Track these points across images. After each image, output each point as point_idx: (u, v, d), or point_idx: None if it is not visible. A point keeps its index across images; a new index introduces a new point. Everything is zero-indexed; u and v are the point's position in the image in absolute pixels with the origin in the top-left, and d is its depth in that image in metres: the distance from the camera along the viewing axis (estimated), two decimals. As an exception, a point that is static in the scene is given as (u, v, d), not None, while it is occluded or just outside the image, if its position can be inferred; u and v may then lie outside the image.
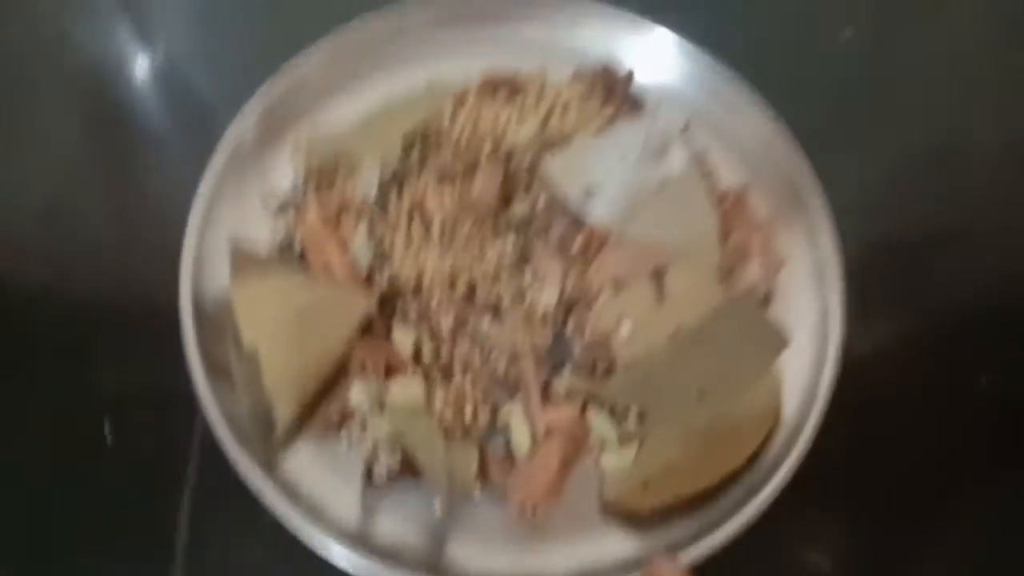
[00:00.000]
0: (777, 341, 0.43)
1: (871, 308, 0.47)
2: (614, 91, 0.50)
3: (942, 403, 0.46)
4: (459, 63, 0.50)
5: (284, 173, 0.47)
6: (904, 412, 0.46)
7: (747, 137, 0.49)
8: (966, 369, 0.48)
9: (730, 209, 0.47)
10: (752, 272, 0.46)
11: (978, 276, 0.51)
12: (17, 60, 0.55)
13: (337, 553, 0.37)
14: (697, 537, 0.38)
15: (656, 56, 0.51)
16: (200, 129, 0.51)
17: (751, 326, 0.43)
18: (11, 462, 0.42)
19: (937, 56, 0.58)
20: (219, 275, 0.43)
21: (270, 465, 0.39)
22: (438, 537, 0.39)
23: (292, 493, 0.38)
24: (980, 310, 0.50)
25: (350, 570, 0.36)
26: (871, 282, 0.48)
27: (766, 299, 0.46)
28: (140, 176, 0.51)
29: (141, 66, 0.55)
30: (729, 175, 0.49)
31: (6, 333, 0.45)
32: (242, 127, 0.46)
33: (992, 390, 0.47)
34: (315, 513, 0.38)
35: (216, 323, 0.41)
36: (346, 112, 0.49)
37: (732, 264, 0.46)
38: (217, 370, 0.40)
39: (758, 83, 0.49)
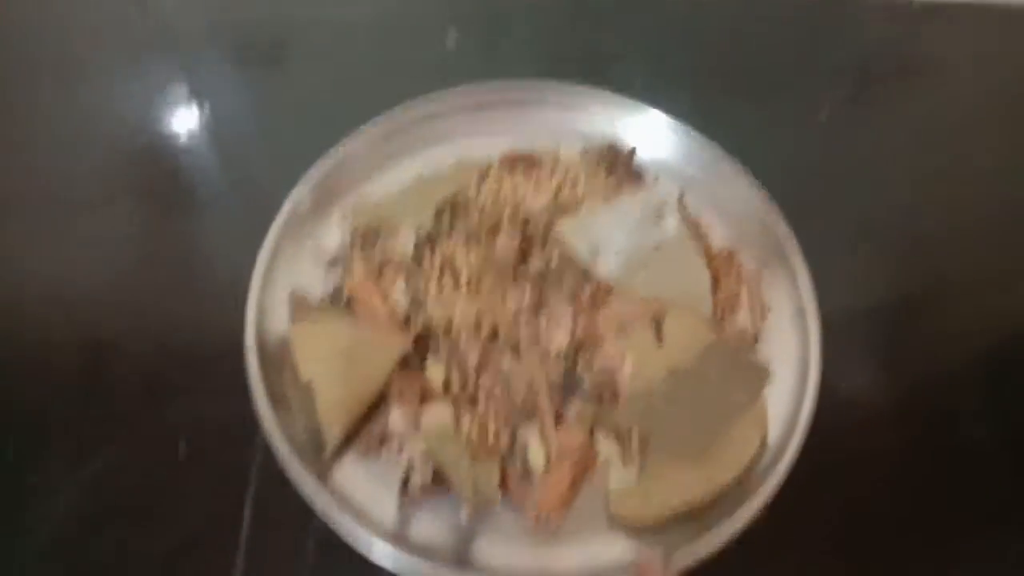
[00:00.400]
0: (760, 377, 0.49)
1: (849, 351, 0.53)
2: (618, 165, 0.57)
3: (912, 436, 0.51)
4: (483, 142, 0.58)
5: (334, 235, 0.55)
6: (875, 442, 0.50)
7: (734, 203, 0.56)
8: (939, 406, 0.53)
9: (721, 265, 0.54)
10: (741, 318, 0.52)
11: (950, 329, 0.57)
12: (90, 149, 0.63)
13: (379, 551, 0.42)
14: (691, 541, 0.43)
15: (654, 135, 0.59)
16: (257, 198, 0.58)
17: (738, 363, 0.49)
18: (98, 479, 0.48)
19: (907, 133, 0.65)
20: (277, 320, 0.50)
21: (321, 477, 0.45)
22: (465, 538, 0.44)
23: (340, 501, 0.44)
24: (953, 356, 0.55)
25: (389, 566, 0.42)
26: (848, 329, 0.54)
27: (753, 341, 0.51)
28: (208, 241, 0.59)
29: (208, 145, 0.64)
30: (719, 236, 0.56)
31: (93, 371, 0.52)
32: (298, 196, 0.54)
33: (967, 432, 0.52)
34: (360, 517, 0.43)
35: (275, 360, 0.48)
36: (387, 184, 0.57)
37: (723, 312, 0.52)
38: (276, 399, 0.47)
39: (744, 157, 0.57)
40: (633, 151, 0.59)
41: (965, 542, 0.49)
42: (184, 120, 0.65)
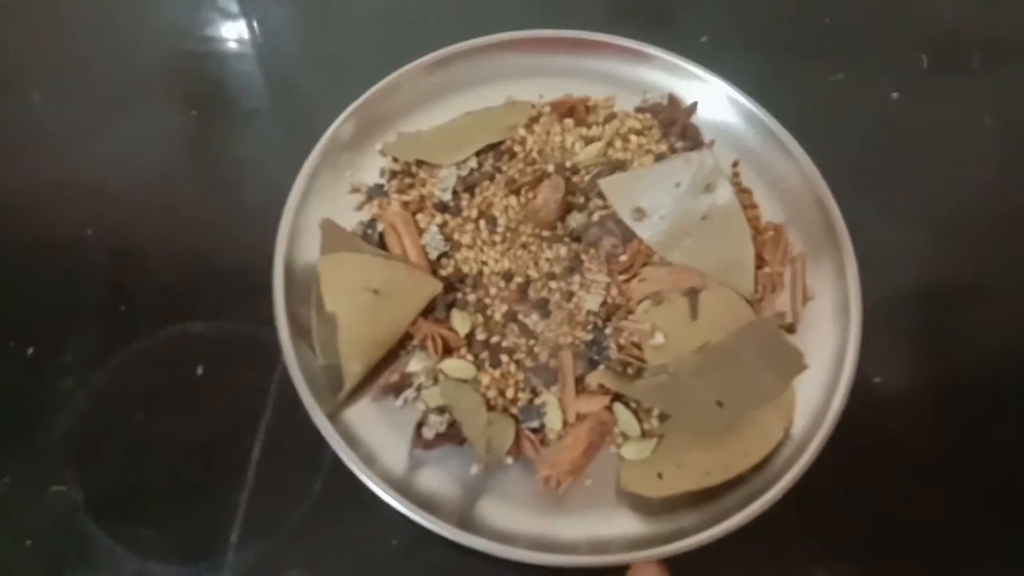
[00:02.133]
0: (795, 364, 0.46)
1: (889, 348, 0.51)
2: (676, 120, 0.55)
3: (945, 446, 0.49)
4: (536, 85, 0.56)
5: (373, 169, 0.53)
6: (905, 449, 0.49)
7: (788, 180, 0.53)
8: (976, 418, 0.50)
9: (767, 242, 0.52)
10: (780, 301, 0.50)
11: (995, 331, 0.54)
12: (143, 49, 0.62)
13: (384, 495, 0.42)
14: (699, 529, 0.42)
15: (712, 100, 0.56)
16: (302, 121, 0.58)
17: (773, 347, 0.46)
18: (117, 389, 0.48)
19: (975, 123, 0.61)
20: (308, 248, 0.49)
21: (335, 415, 0.44)
22: (471, 495, 0.44)
23: (351, 441, 0.44)
24: (996, 362, 0.53)
25: (394, 506, 0.42)
26: (892, 324, 0.52)
27: (791, 328, 0.50)
28: (246, 156, 0.58)
29: (254, 60, 0.62)
30: (769, 211, 0.53)
31: (120, 275, 0.52)
32: (340, 124, 0.52)
33: (1003, 441, 0.50)
34: (368, 460, 0.43)
35: (302, 288, 0.47)
36: (433, 121, 0.55)
37: (763, 292, 0.50)
38: (299, 328, 0.46)
39: (803, 132, 0.54)
40: (694, 106, 0.56)
41: (992, 546, 0.47)
42: (236, 32, 0.63)
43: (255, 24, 0.64)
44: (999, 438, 0.50)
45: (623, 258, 0.49)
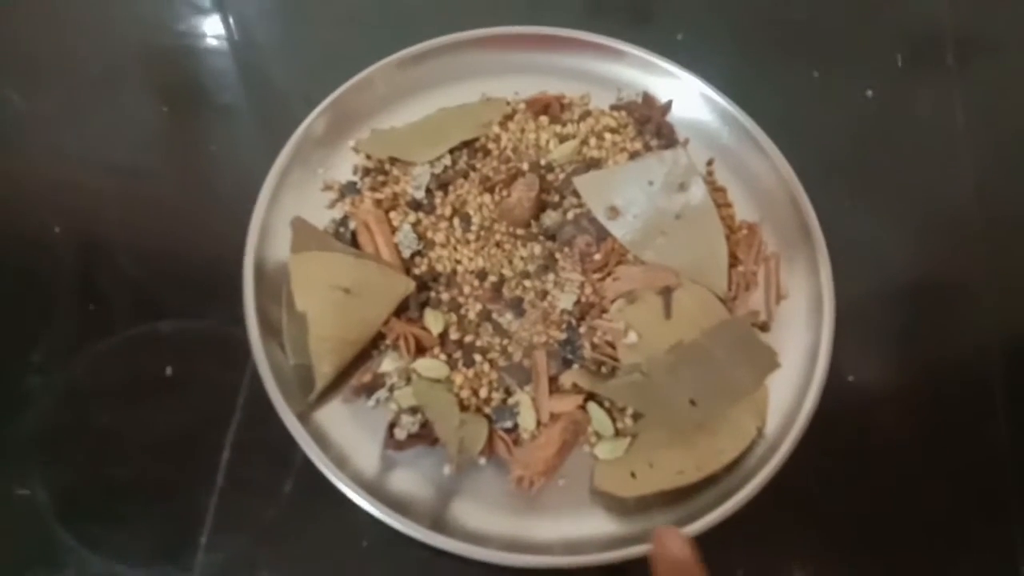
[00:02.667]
0: (769, 362, 0.46)
1: (863, 346, 0.51)
2: (651, 118, 0.55)
3: (919, 444, 0.50)
4: (511, 83, 0.56)
5: (345, 167, 0.53)
6: (879, 447, 0.49)
7: (763, 179, 0.53)
8: (950, 415, 0.51)
9: (741, 240, 0.52)
10: (754, 299, 0.50)
11: (969, 329, 0.54)
12: (114, 43, 0.61)
13: (356, 497, 0.42)
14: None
15: (687, 98, 0.56)
16: (273, 117, 0.57)
17: (746, 345, 0.46)
18: (85, 389, 0.48)
19: (949, 121, 0.61)
20: (279, 247, 0.48)
21: (305, 416, 0.44)
22: (443, 496, 0.43)
23: (321, 442, 0.43)
24: (970, 360, 0.53)
25: (365, 508, 0.41)
26: (866, 322, 0.52)
27: (764, 326, 0.50)
28: (217, 152, 0.57)
29: (228, 55, 0.61)
30: (744, 210, 0.53)
31: (91, 282, 0.51)
32: (313, 121, 0.52)
33: (975, 437, 0.50)
34: (340, 462, 0.43)
35: (273, 288, 0.47)
36: (407, 118, 0.55)
37: (737, 291, 0.50)
38: (269, 327, 0.46)
39: (779, 131, 0.54)
40: (669, 105, 0.56)
41: (965, 543, 0.47)
42: (209, 26, 0.62)
43: (229, 18, 0.63)
44: (973, 435, 0.50)
45: (597, 257, 0.49)
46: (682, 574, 0.35)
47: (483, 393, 0.45)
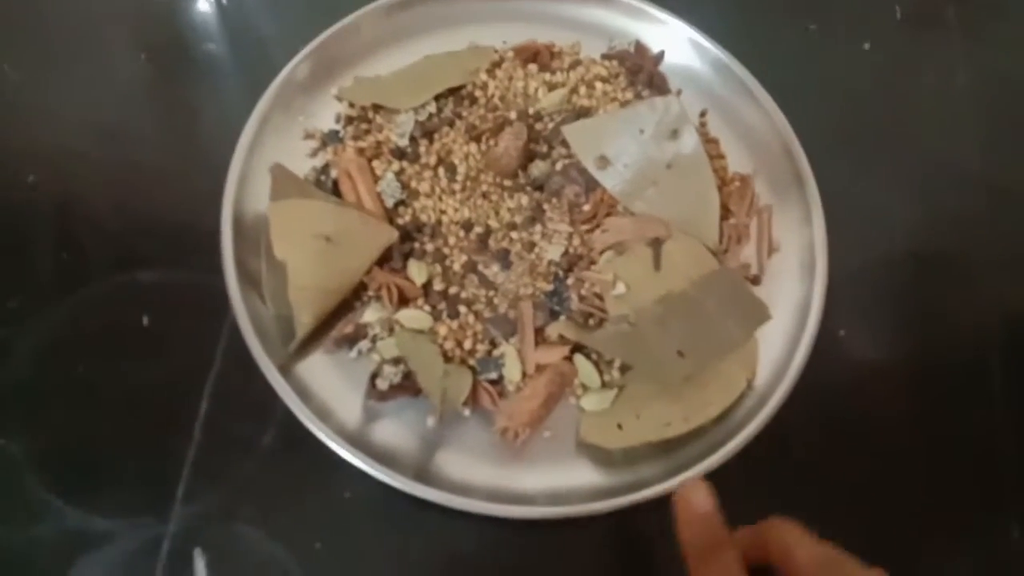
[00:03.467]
0: (759, 314, 0.46)
1: (855, 302, 0.51)
2: (643, 68, 0.53)
3: (910, 402, 0.49)
4: (499, 30, 0.54)
5: (327, 115, 0.51)
6: (868, 403, 0.48)
7: (757, 130, 0.52)
8: (941, 375, 0.50)
9: (734, 192, 0.51)
10: (746, 252, 0.50)
11: (962, 291, 0.53)
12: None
13: (338, 449, 0.41)
14: (660, 480, 0.41)
15: (681, 48, 0.54)
16: (255, 65, 0.55)
17: (736, 297, 0.46)
18: (60, 340, 0.47)
19: (948, 77, 0.60)
20: (259, 196, 0.47)
21: (285, 367, 0.43)
22: (428, 448, 0.43)
23: (303, 394, 0.42)
24: (963, 322, 0.52)
25: (348, 459, 0.41)
26: (859, 278, 0.51)
27: (755, 279, 0.49)
28: (197, 101, 0.55)
29: (209, 1, 0.60)
30: (737, 162, 0.52)
31: (67, 231, 0.50)
32: (293, 67, 0.50)
33: (964, 394, 0.50)
34: (321, 413, 0.42)
35: (252, 237, 0.46)
36: (391, 65, 0.53)
37: (728, 243, 0.49)
38: (248, 278, 0.45)
39: (774, 82, 0.53)
40: (661, 55, 0.54)
41: (952, 503, 0.47)
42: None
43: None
44: (964, 398, 0.50)
45: (586, 208, 0.48)
46: (704, 526, 0.34)
47: (467, 344, 0.44)
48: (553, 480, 0.42)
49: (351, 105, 0.51)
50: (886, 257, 0.53)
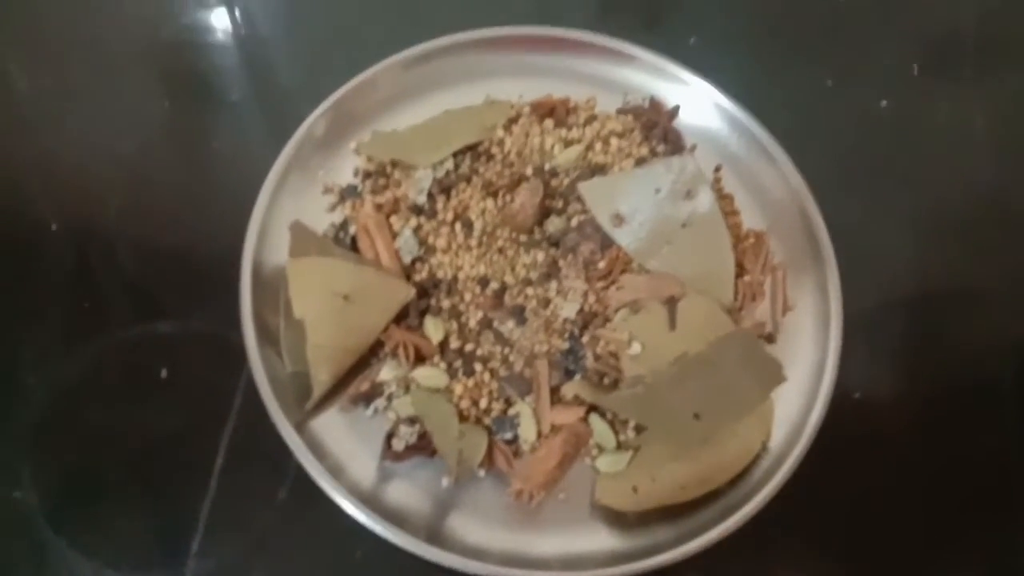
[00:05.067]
0: (774, 375, 0.45)
1: (871, 362, 0.50)
2: (658, 123, 0.54)
3: (926, 462, 0.48)
4: (516, 85, 0.55)
5: (346, 169, 0.52)
6: (885, 464, 0.48)
7: (772, 187, 0.52)
8: (958, 435, 0.49)
9: (748, 249, 0.51)
10: (760, 310, 0.50)
11: (981, 345, 0.53)
12: (118, 34, 0.60)
13: (351, 509, 0.41)
14: (676, 543, 0.41)
15: (696, 104, 0.55)
16: (277, 117, 0.56)
17: (752, 358, 0.45)
18: (78, 390, 0.47)
19: (965, 132, 0.60)
20: (278, 249, 0.47)
21: (301, 424, 0.43)
22: (441, 509, 0.43)
23: (317, 451, 0.42)
24: (980, 377, 0.52)
25: (360, 520, 0.41)
26: (875, 337, 0.51)
27: (770, 338, 0.49)
28: (218, 152, 0.56)
29: (232, 49, 0.61)
30: (751, 218, 0.52)
31: (87, 280, 0.51)
32: (313, 121, 0.51)
33: (983, 454, 0.49)
34: (335, 472, 0.42)
35: (271, 291, 0.46)
36: (409, 119, 0.53)
37: (743, 301, 0.49)
38: (266, 333, 0.45)
39: (789, 139, 0.53)
40: (676, 110, 0.55)
41: (975, 563, 0.47)
42: (214, 20, 0.61)
43: (234, 13, 0.62)
44: (981, 455, 0.49)
45: (601, 265, 0.48)
46: None
47: (483, 403, 0.44)
48: (568, 544, 0.42)
49: (369, 159, 0.52)
50: (902, 310, 0.53)
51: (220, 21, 0.61)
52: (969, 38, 0.65)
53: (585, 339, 0.46)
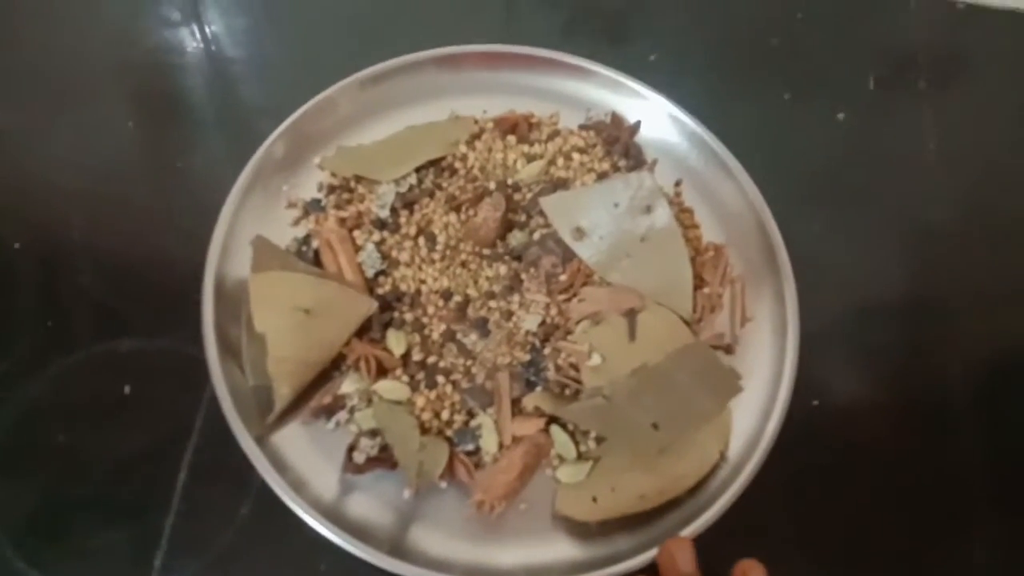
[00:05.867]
0: (731, 386, 0.46)
1: (828, 370, 0.51)
2: (620, 139, 0.55)
3: (883, 468, 0.49)
4: (479, 102, 0.56)
5: (310, 184, 0.52)
6: (842, 472, 0.49)
7: (730, 201, 0.53)
8: (915, 440, 0.50)
9: (708, 262, 0.52)
10: (719, 322, 0.50)
11: (936, 353, 0.54)
12: (84, 55, 0.60)
13: (314, 522, 0.41)
14: (636, 552, 0.42)
15: (656, 119, 0.56)
16: (242, 132, 0.56)
17: (708, 370, 0.46)
18: (42, 407, 0.47)
19: (920, 145, 0.61)
20: (241, 264, 0.48)
21: (263, 439, 0.43)
22: (403, 521, 0.43)
23: (279, 465, 0.42)
24: (936, 384, 0.53)
25: (323, 534, 0.41)
26: (832, 346, 0.52)
27: (728, 349, 0.50)
28: (183, 168, 0.56)
29: (196, 70, 0.61)
30: (711, 231, 0.53)
31: (49, 295, 0.51)
32: (275, 139, 0.51)
33: (939, 461, 0.50)
34: (297, 486, 0.42)
35: (233, 305, 0.46)
36: (375, 136, 0.54)
37: (702, 313, 0.50)
38: (228, 348, 0.45)
39: (747, 154, 0.54)
40: (637, 126, 0.56)
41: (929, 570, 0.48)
42: (178, 42, 0.62)
43: (198, 34, 0.62)
44: (937, 461, 0.50)
45: (563, 278, 0.49)
46: None
47: (445, 415, 0.45)
48: (530, 555, 0.43)
49: (333, 175, 0.52)
50: (860, 321, 0.54)
51: (185, 42, 0.62)
52: (924, 51, 0.66)
53: (547, 351, 0.47)
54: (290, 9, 0.65)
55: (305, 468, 0.44)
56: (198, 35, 0.62)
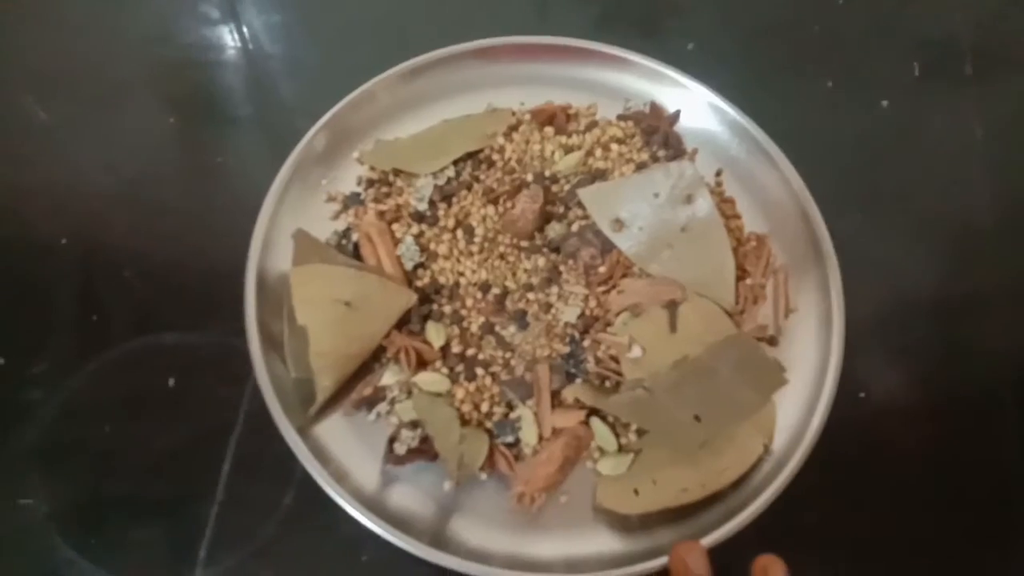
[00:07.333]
0: (775, 379, 0.46)
1: (875, 362, 0.50)
2: (659, 128, 0.54)
3: (931, 463, 0.48)
4: (517, 93, 0.56)
5: (349, 178, 0.53)
6: (889, 465, 0.48)
7: (773, 190, 0.53)
8: (963, 434, 0.49)
9: (750, 252, 0.51)
10: (762, 313, 0.50)
11: (985, 345, 0.53)
12: (123, 55, 0.61)
13: (355, 512, 0.41)
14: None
15: (696, 108, 0.55)
16: (280, 128, 0.57)
17: (753, 362, 0.46)
18: (87, 401, 0.48)
19: (965, 132, 0.60)
20: (282, 258, 0.48)
21: (305, 430, 0.44)
22: (444, 512, 0.43)
23: (321, 456, 0.43)
24: (984, 377, 0.52)
25: (365, 524, 0.41)
26: (878, 337, 0.51)
27: (772, 340, 0.49)
28: (223, 164, 0.57)
29: (235, 67, 0.62)
30: (753, 221, 0.53)
31: (93, 290, 0.51)
32: (315, 133, 0.52)
33: (987, 457, 0.49)
34: (339, 475, 0.42)
35: (275, 299, 0.47)
36: (412, 129, 0.54)
37: (744, 304, 0.49)
38: (271, 341, 0.45)
39: (790, 142, 0.53)
40: (677, 115, 0.55)
41: (977, 565, 0.47)
42: (216, 39, 0.63)
43: (235, 32, 0.63)
44: (985, 455, 0.49)
45: (602, 269, 0.48)
46: None
47: (484, 407, 0.45)
48: (570, 547, 0.43)
49: (372, 168, 0.52)
50: (906, 313, 0.53)
51: (223, 40, 0.63)
52: (969, 40, 0.64)
53: (586, 343, 0.47)
54: (325, 6, 0.65)
55: (346, 459, 0.44)
56: (236, 33, 0.63)
